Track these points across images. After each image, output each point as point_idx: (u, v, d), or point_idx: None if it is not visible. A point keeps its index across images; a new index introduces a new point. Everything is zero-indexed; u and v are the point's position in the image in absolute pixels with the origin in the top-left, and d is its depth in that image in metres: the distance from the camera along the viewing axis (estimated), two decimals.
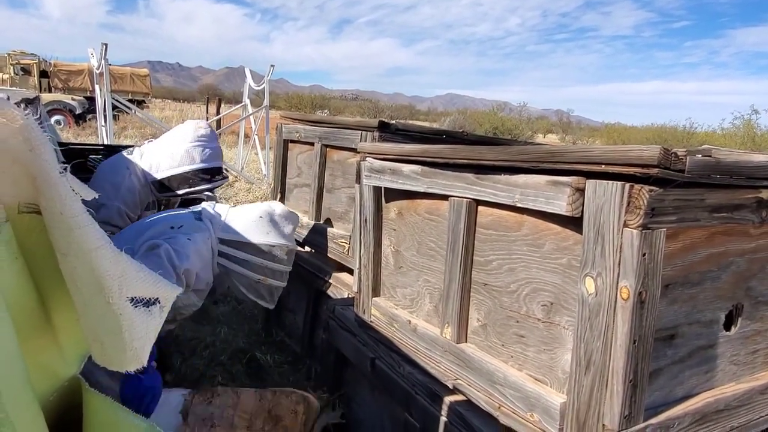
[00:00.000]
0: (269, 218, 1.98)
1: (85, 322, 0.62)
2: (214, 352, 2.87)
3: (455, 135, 2.54)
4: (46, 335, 0.64)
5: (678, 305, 1.20)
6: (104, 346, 0.61)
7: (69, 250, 0.55)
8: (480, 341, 1.49)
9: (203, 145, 2.48)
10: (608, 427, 1.10)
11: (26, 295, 0.59)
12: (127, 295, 0.58)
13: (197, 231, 1.85)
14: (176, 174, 2.45)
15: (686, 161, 1.04)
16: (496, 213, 1.42)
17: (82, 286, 0.58)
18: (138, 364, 0.62)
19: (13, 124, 0.48)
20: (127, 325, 0.58)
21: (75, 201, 0.53)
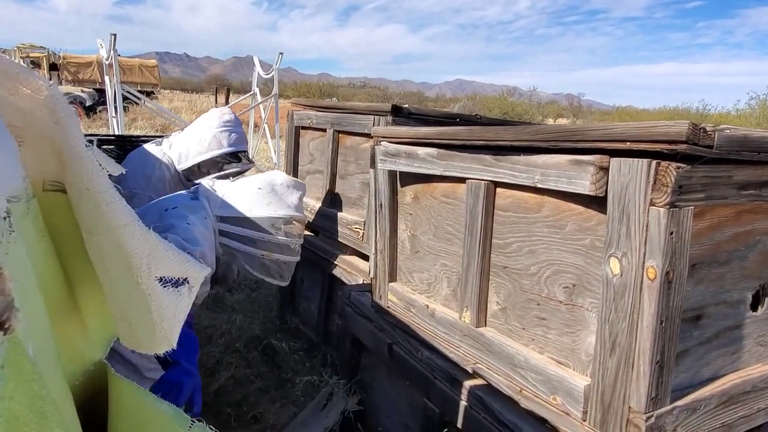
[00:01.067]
0: (270, 188, 1.83)
1: (113, 302, 0.61)
2: (230, 339, 2.88)
3: (469, 118, 2.51)
4: (73, 317, 0.63)
5: (704, 285, 1.17)
6: (132, 327, 0.60)
7: (96, 228, 0.54)
8: (500, 325, 1.48)
9: (229, 130, 2.57)
10: (634, 409, 1.09)
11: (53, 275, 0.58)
12: (156, 275, 0.56)
13: (194, 212, 1.71)
14: (205, 159, 2.51)
15: (715, 137, 1.01)
16: (515, 195, 1.40)
17: (110, 265, 0.57)
18: (167, 345, 0.61)
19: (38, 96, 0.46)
20: (156, 305, 0.57)
21: (102, 176, 0.51)
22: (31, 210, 0.50)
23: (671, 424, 1.11)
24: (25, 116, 0.48)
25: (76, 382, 0.65)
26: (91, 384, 0.68)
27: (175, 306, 0.59)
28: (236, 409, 2.39)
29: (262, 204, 1.80)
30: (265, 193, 1.82)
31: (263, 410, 2.37)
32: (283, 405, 2.35)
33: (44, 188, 0.56)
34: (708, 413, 1.18)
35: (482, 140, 1.42)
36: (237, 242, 1.80)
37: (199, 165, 2.53)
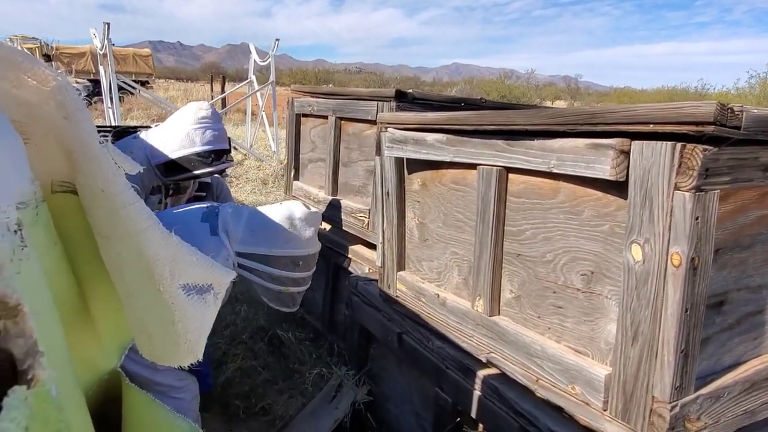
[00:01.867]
0: (289, 224, 1.83)
1: (131, 313, 0.56)
2: (236, 330, 2.86)
3: (474, 102, 2.46)
4: (86, 326, 0.59)
5: (727, 270, 1.14)
6: (152, 339, 0.56)
7: (113, 232, 0.49)
8: (514, 313, 1.45)
9: (204, 127, 2.39)
10: (658, 398, 1.06)
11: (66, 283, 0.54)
12: (180, 282, 0.52)
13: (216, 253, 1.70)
14: (177, 157, 2.38)
15: (743, 117, 0.97)
16: (528, 180, 1.36)
17: (128, 273, 0.52)
18: (193, 358, 0.57)
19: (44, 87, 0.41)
20: (180, 315, 0.53)
21: (118, 176, 0.47)
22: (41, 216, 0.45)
23: (695, 412, 1.09)
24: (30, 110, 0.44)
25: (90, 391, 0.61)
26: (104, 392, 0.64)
27: (201, 315, 0.55)
28: (244, 401, 2.37)
29: (282, 241, 1.80)
30: (285, 229, 1.81)
31: (271, 402, 2.35)
32: (291, 396, 2.33)
33: (53, 190, 0.51)
34: (731, 400, 1.15)
35: (494, 125, 1.38)
36: (255, 276, 1.80)
37: (171, 162, 2.38)
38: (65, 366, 0.44)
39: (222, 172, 2.67)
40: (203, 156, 2.40)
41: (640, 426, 1.09)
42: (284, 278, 1.82)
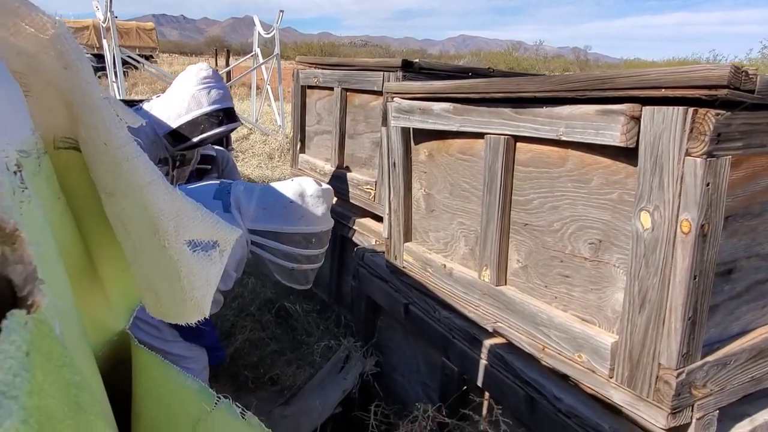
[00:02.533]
0: (301, 201, 1.82)
1: (137, 270, 0.56)
2: (243, 302, 2.88)
3: (481, 72, 2.42)
4: (94, 287, 0.59)
5: (737, 238, 1.13)
6: (159, 296, 0.56)
7: (116, 187, 0.48)
8: (521, 283, 1.45)
9: (209, 87, 2.34)
10: (665, 365, 1.06)
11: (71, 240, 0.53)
12: (185, 238, 0.52)
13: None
14: (187, 121, 2.33)
15: (757, 80, 0.94)
16: (536, 149, 1.34)
17: (132, 229, 0.52)
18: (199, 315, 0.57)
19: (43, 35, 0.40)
20: (186, 271, 0.53)
21: (120, 129, 0.46)
22: (44, 168, 0.45)
23: (701, 379, 1.09)
24: (29, 61, 0.42)
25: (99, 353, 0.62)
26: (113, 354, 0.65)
27: (206, 272, 0.54)
28: (253, 372, 2.41)
29: (295, 218, 1.79)
30: (297, 206, 1.80)
31: (280, 372, 2.39)
32: (299, 367, 2.36)
33: (55, 146, 0.51)
34: (738, 368, 1.15)
35: (502, 92, 1.36)
36: (269, 254, 1.81)
37: (180, 128, 2.33)
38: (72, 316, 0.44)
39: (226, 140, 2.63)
40: (212, 116, 2.36)
41: (646, 393, 1.10)
42: (297, 255, 1.82)
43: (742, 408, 1.24)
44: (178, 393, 0.56)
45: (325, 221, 1.87)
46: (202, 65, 2.45)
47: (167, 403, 0.58)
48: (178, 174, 2.57)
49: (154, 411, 0.60)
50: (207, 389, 0.57)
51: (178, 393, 0.56)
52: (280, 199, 1.81)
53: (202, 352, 1.90)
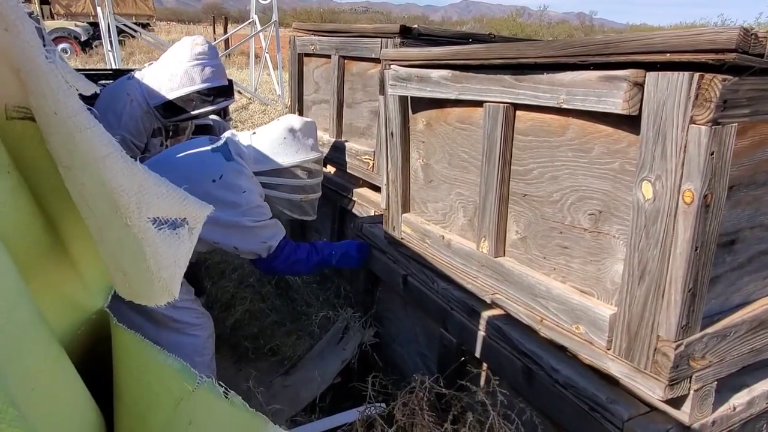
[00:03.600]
0: (292, 136, 1.95)
1: (103, 249, 0.54)
2: (243, 274, 2.88)
3: (482, 38, 2.35)
4: (62, 265, 0.57)
5: (741, 208, 1.10)
6: (127, 277, 0.54)
7: (72, 161, 0.45)
8: (519, 254, 1.43)
9: (202, 64, 2.30)
10: (663, 337, 1.05)
11: (28, 218, 0.50)
12: (148, 215, 0.49)
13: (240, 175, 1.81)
14: (178, 96, 2.30)
15: (766, 44, 0.90)
16: (536, 117, 1.31)
17: (94, 205, 0.49)
18: (169, 296, 0.55)
19: None
20: (152, 251, 0.50)
21: (70, 96, 0.42)
22: None
23: (700, 351, 1.08)
24: None
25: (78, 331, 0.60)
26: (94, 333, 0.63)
27: (174, 251, 0.52)
28: (253, 342, 2.42)
29: (291, 152, 1.94)
30: (290, 141, 1.95)
31: (280, 343, 2.40)
32: (299, 337, 2.37)
33: (8, 116, 0.47)
34: (738, 339, 1.14)
35: (502, 59, 1.31)
36: (277, 191, 1.94)
37: (171, 102, 2.31)
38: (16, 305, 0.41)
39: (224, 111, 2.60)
40: (204, 94, 2.33)
41: (644, 364, 1.09)
42: (302, 186, 1.98)
43: (740, 379, 1.24)
44: (159, 372, 0.55)
45: (317, 150, 2.05)
46: (197, 39, 2.39)
47: (148, 382, 0.56)
48: (172, 144, 2.53)
49: (134, 390, 0.59)
50: (189, 369, 0.55)
51: (159, 372, 0.55)
52: (274, 138, 1.95)
53: (209, 319, 1.92)
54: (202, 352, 1.88)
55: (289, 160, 1.94)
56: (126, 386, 0.63)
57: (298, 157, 1.95)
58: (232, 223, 1.75)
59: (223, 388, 0.52)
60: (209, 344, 1.92)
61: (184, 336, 1.82)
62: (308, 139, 2.00)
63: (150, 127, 2.37)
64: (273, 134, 1.95)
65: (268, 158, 1.91)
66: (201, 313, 1.88)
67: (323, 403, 1.97)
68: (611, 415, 1.15)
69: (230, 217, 1.75)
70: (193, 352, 1.83)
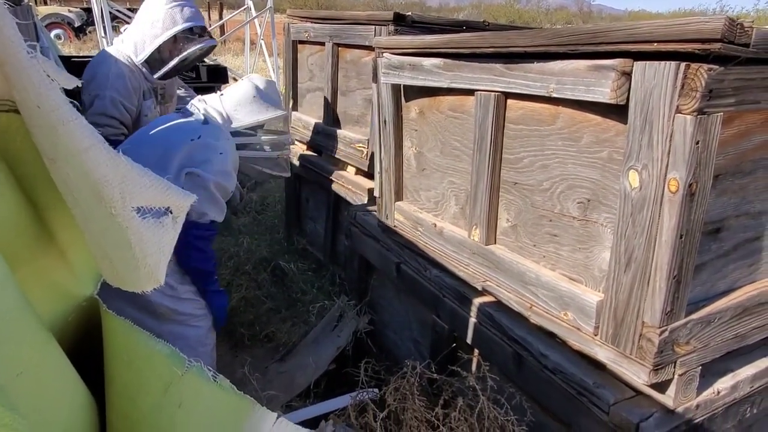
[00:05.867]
0: (261, 94, 1.98)
1: (90, 237, 0.55)
2: (239, 262, 2.90)
3: (476, 26, 2.35)
4: (50, 253, 0.58)
5: (727, 197, 1.12)
6: (114, 264, 0.56)
7: (56, 153, 0.46)
8: (510, 242, 1.44)
9: (181, 5, 2.27)
10: (648, 323, 1.07)
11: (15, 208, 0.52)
12: (132, 205, 0.50)
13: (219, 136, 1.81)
14: (164, 42, 2.25)
15: (752, 33, 0.91)
16: (527, 106, 1.32)
17: (79, 195, 0.50)
18: (154, 282, 0.56)
19: None
20: (136, 239, 0.51)
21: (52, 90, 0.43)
22: None
23: (685, 337, 1.10)
24: None
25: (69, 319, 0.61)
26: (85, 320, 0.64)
27: (158, 239, 0.53)
28: (249, 329, 2.44)
29: (263, 109, 1.97)
30: (259, 99, 1.97)
31: (275, 329, 2.42)
32: (294, 324, 2.39)
33: None
34: (722, 325, 1.16)
35: (493, 47, 1.32)
36: (255, 150, 1.96)
37: (159, 50, 2.27)
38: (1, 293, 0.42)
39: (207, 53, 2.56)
40: (189, 32, 2.29)
41: (629, 350, 1.11)
42: (277, 142, 2.02)
43: (725, 364, 1.26)
44: (148, 357, 0.56)
45: (282, 105, 2.09)
46: None
47: (138, 367, 0.58)
48: (162, 111, 2.51)
49: (125, 375, 0.61)
50: (178, 353, 0.57)
51: (148, 357, 0.56)
52: (242, 97, 1.97)
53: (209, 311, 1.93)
54: (205, 342, 1.90)
55: (262, 116, 1.97)
56: (117, 371, 0.64)
57: (269, 114, 1.99)
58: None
59: (211, 372, 0.54)
60: (211, 334, 1.94)
61: (188, 328, 1.84)
62: (273, 95, 2.04)
63: (139, 88, 2.33)
64: (241, 93, 1.98)
65: (243, 116, 1.95)
66: (203, 305, 1.90)
67: (318, 389, 1.99)
68: (598, 399, 1.18)
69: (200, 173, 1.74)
70: (196, 343, 1.85)
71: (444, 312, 1.67)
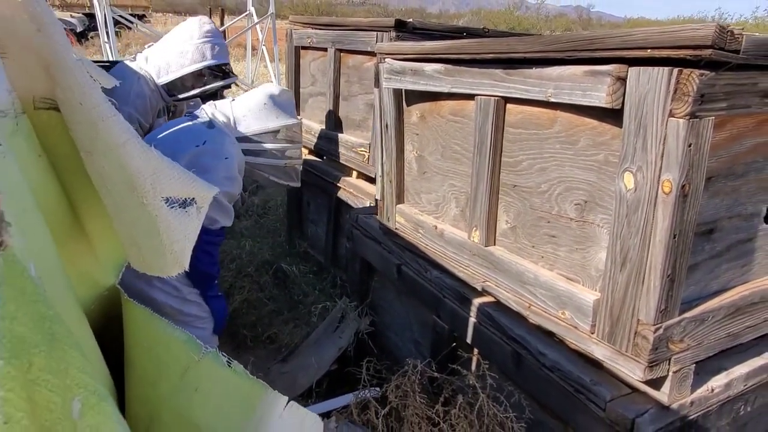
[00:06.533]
0: (272, 102, 1.99)
1: (120, 225, 0.59)
2: (241, 264, 2.93)
3: (476, 32, 2.39)
4: (80, 242, 0.62)
5: (719, 198, 1.15)
6: (141, 251, 0.59)
7: (94, 147, 0.50)
8: (509, 243, 1.47)
9: (211, 42, 2.38)
10: (643, 321, 1.10)
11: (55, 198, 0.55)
12: (162, 195, 0.54)
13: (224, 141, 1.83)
14: (189, 73, 2.37)
15: (742, 40, 0.95)
16: (526, 110, 1.35)
17: (113, 186, 0.54)
18: (179, 267, 0.60)
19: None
20: (164, 227, 0.55)
21: (94, 89, 0.47)
22: (22, 127, 0.46)
23: (679, 334, 1.13)
24: (5, 24, 0.43)
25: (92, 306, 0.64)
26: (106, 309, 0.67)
27: (184, 227, 0.57)
28: (251, 330, 2.47)
29: (273, 117, 1.97)
30: (271, 106, 1.97)
31: (277, 331, 2.45)
32: (296, 326, 2.42)
33: (35, 106, 0.52)
34: (715, 324, 1.19)
35: (493, 53, 1.35)
36: (262, 157, 1.97)
37: (182, 78, 2.39)
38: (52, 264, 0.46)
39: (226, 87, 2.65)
40: (215, 69, 2.40)
41: (625, 347, 1.14)
42: (285, 151, 2.01)
43: (719, 362, 1.29)
44: (167, 343, 0.60)
45: (296, 115, 2.08)
46: (204, 18, 2.47)
47: (157, 352, 0.61)
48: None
49: (145, 360, 0.64)
50: (194, 339, 0.60)
51: (167, 343, 0.60)
52: (255, 103, 1.98)
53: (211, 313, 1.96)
54: (209, 343, 1.93)
55: (272, 124, 1.97)
56: (137, 357, 0.68)
57: (279, 122, 1.99)
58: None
59: (226, 357, 0.57)
60: (214, 338, 1.97)
61: (193, 329, 1.86)
62: (287, 105, 2.05)
63: (156, 107, 2.43)
64: (253, 100, 1.99)
65: (252, 123, 1.95)
66: (207, 309, 1.93)
67: (320, 389, 2.02)
68: (595, 396, 1.21)
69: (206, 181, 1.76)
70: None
71: (444, 312, 1.70)
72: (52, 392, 0.33)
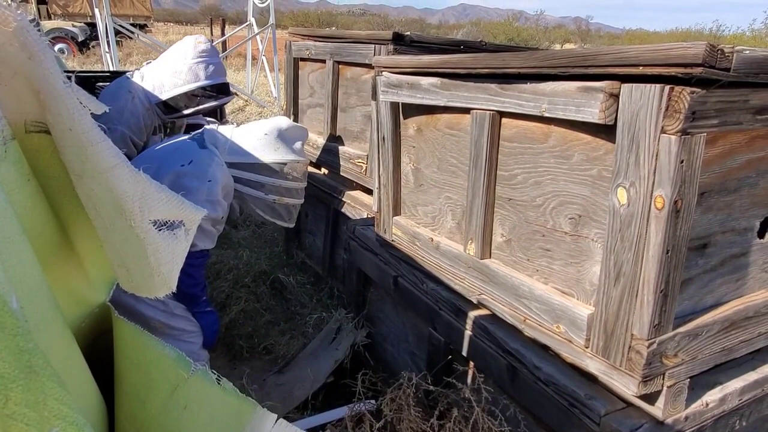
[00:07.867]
0: (276, 134, 1.91)
1: (109, 247, 0.60)
2: (238, 274, 2.92)
3: (473, 45, 2.41)
4: (70, 262, 0.63)
5: (713, 213, 1.16)
6: (130, 272, 0.60)
7: (83, 170, 0.51)
8: (504, 256, 1.48)
9: (206, 62, 2.38)
10: (637, 336, 1.10)
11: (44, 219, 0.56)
12: (150, 218, 0.54)
13: (210, 163, 1.77)
14: (181, 93, 2.37)
15: (733, 58, 0.96)
16: (521, 125, 1.36)
17: (102, 209, 0.55)
18: (167, 289, 0.60)
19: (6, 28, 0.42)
20: (152, 249, 0.56)
21: (84, 115, 0.48)
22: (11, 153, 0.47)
23: (673, 349, 1.13)
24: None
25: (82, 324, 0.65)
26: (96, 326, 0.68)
27: (172, 249, 0.57)
28: (248, 341, 2.46)
29: (270, 150, 1.87)
30: (272, 138, 1.88)
31: (274, 342, 2.44)
32: (292, 337, 2.41)
33: (27, 130, 0.53)
34: (709, 338, 1.20)
35: (488, 68, 1.37)
36: (248, 187, 1.88)
37: (174, 98, 2.39)
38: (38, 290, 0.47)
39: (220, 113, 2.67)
40: (208, 90, 2.40)
41: (619, 362, 1.14)
42: (276, 187, 1.90)
43: (714, 377, 1.29)
44: (156, 360, 0.60)
45: (302, 154, 1.96)
46: (200, 38, 2.47)
47: (146, 370, 0.61)
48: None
49: (134, 377, 0.64)
50: (184, 357, 0.60)
51: (156, 360, 0.60)
52: (255, 132, 1.90)
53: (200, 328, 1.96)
54: (198, 357, 1.93)
55: (267, 157, 1.87)
56: (126, 373, 0.68)
57: (276, 156, 1.89)
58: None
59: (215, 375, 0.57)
60: (203, 352, 1.97)
61: (181, 343, 1.86)
62: (293, 141, 1.95)
63: (151, 125, 2.43)
64: (255, 130, 1.92)
65: (244, 152, 1.86)
66: (195, 324, 1.93)
67: (316, 401, 2.01)
68: (589, 411, 1.20)
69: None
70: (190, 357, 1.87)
71: (440, 325, 1.70)
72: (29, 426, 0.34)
